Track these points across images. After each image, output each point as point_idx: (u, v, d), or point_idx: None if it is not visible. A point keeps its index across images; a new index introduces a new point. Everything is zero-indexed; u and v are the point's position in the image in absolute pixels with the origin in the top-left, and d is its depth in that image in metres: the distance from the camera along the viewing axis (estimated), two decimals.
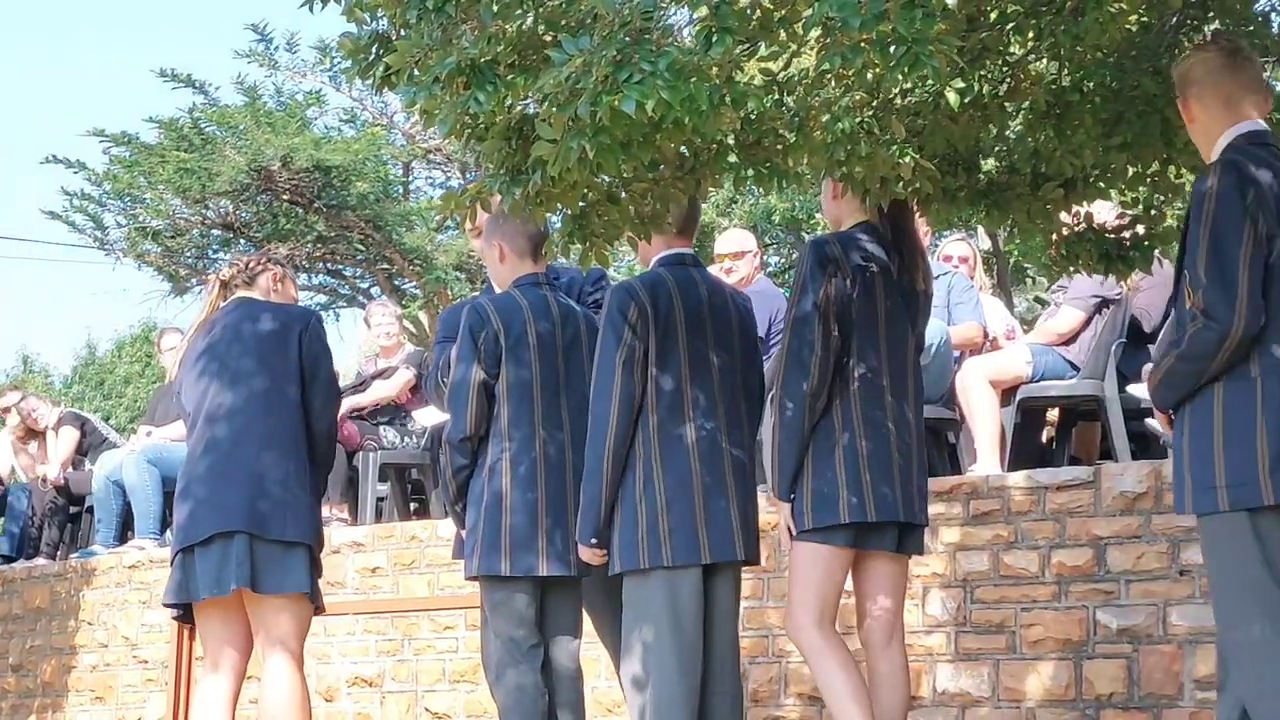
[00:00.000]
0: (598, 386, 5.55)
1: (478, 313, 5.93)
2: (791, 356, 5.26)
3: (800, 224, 20.93)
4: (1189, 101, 4.75)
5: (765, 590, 7.74)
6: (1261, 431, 4.36)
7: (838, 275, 5.27)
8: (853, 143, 4.45)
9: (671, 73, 3.81)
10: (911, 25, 3.75)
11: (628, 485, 5.51)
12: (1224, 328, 4.38)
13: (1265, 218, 4.41)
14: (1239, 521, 4.39)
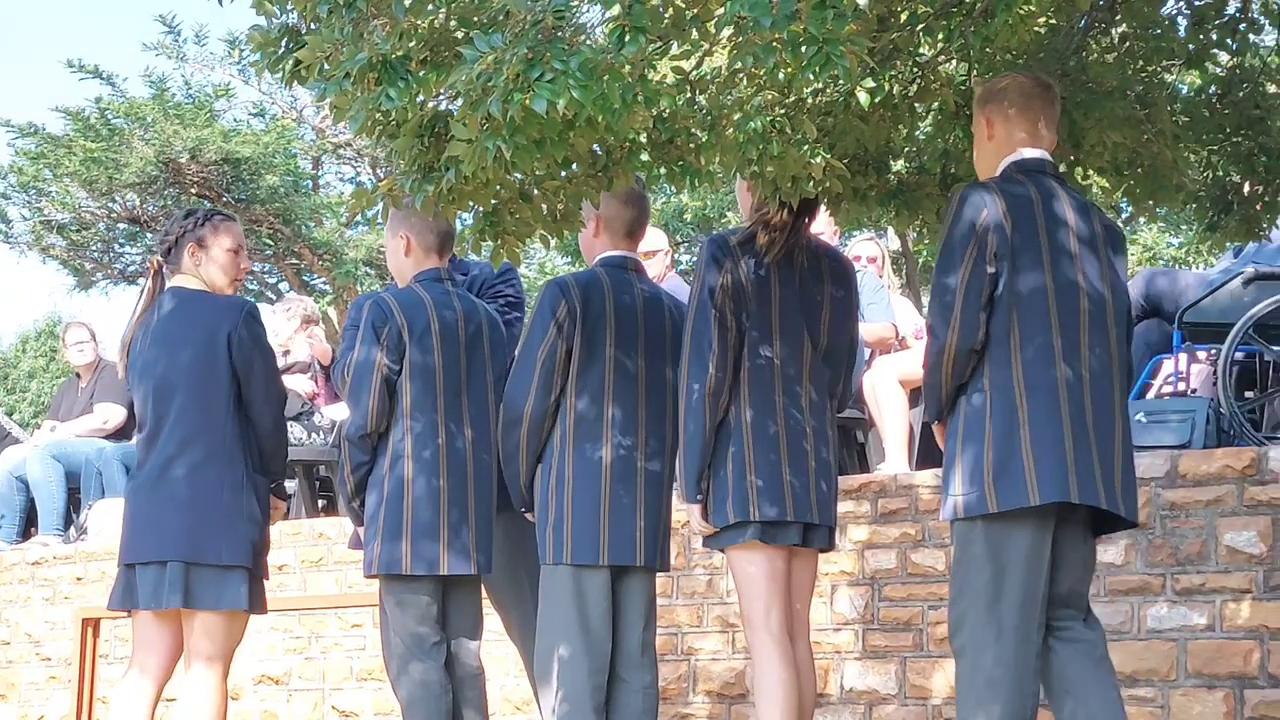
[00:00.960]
0: (516, 380, 5.54)
1: (380, 307, 5.87)
2: (691, 357, 5.26)
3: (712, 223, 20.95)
4: (993, 119, 4.96)
5: (675, 589, 7.75)
6: (988, 442, 4.68)
7: (734, 268, 5.28)
8: (764, 142, 4.46)
9: (584, 71, 3.80)
10: (823, 25, 3.76)
11: (543, 482, 5.52)
12: (940, 343, 4.76)
13: (997, 243, 4.73)
14: (975, 528, 4.72)
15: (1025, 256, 4.77)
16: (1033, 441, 4.65)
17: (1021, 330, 4.74)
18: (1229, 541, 6.57)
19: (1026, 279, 4.77)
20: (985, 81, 5.02)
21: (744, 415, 5.28)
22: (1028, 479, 4.64)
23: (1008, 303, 4.75)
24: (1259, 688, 6.46)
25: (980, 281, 4.74)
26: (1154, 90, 5.49)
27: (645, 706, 5.54)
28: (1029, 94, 4.95)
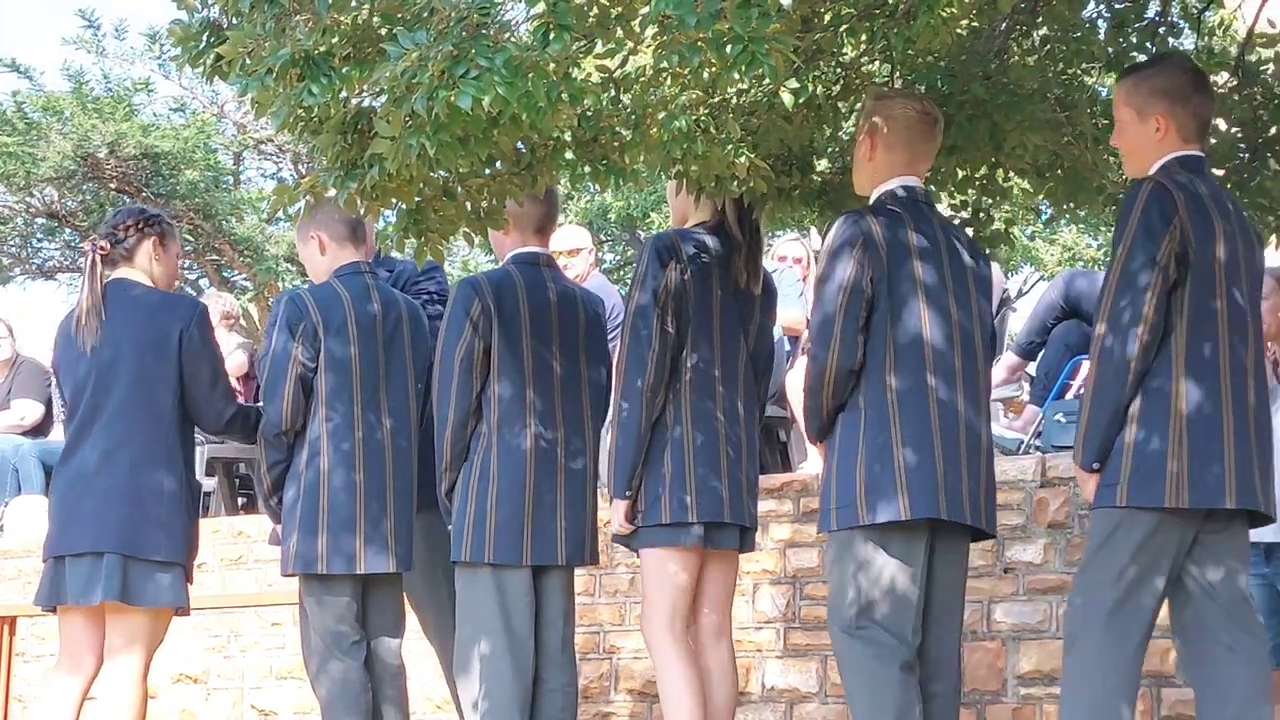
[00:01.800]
0: (439, 384, 5.53)
1: (295, 304, 5.82)
2: (630, 353, 5.26)
3: (636, 222, 20.97)
4: (876, 142, 5.02)
5: (597, 587, 7.75)
6: (861, 456, 4.80)
7: (675, 272, 5.28)
8: (689, 141, 4.46)
9: (509, 69, 3.79)
10: (748, 24, 3.76)
11: (465, 478, 5.50)
12: (821, 364, 4.88)
13: (872, 266, 4.83)
14: (846, 540, 4.82)
15: (901, 278, 4.88)
16: (905, 458, 4.78)
17: (896, 350, 4.85)
18: None
19: (900, 302, 4.87)
20: (876, 101, 5.04)
21: (683, 418, 5.28)
22: (899, 493, 4.76)
23: (883, 324, 4.86)
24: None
25: (859, 304, 4.84)
26: (1074, 93, 5.53)
27: (564, 705, 5.54)
28: (913, 126, 5.02)
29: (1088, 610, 4.57)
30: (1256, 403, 4.61)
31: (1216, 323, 4.56)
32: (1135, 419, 4.53)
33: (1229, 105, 5.65)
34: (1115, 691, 4.51)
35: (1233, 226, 4.66)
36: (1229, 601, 4.62)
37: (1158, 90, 4.73)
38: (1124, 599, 4.54)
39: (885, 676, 4.75)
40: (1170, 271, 4.52)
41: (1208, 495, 4.49)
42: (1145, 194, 4.58)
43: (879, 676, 4.76)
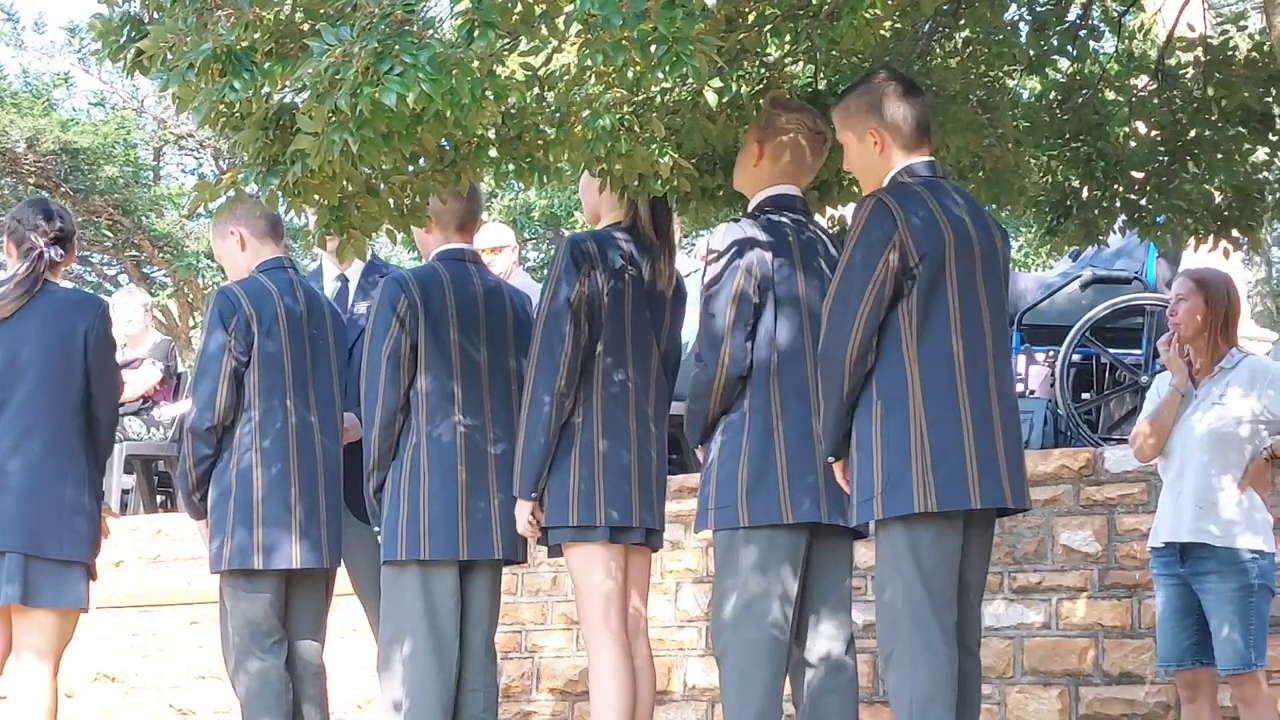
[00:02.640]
0: (366, 381, 5.50)
1: (226, 298, 5.79)
2: (543, 353, 5.25)
3: (560, 220, 20.97)
4: (765, 150, 5.06)
5: (519, 586, 7.74)
6: (744, 459, 4.89)
7: (592, 273, 5.27)
8: (613, 140, 4.46)
9: (433, 65, 3.78)
10: (672, 24, 3.77)
11: (395, 476, 5.48)
12: (709, 371, 4.94)
13: (760, 274, 4.92)
14: (724, 538, 4.94)
15: (784, 287, 4.95)
16: (788, 462, 4.87)
17: (780, 357, 4.93)
18: (1065, 541, 6.68)
19: (784, 309, 4.95)
20: (773, 109, 5.07)
21: (593, 420, 5.28)
22: (780, 497, 4.86)
23: (769, 330, 4.94)
24: (1093, 685, 6.58)
25: (747, 311, 4.92)
26: (996, 95, 5.57)
27: (485, 704, 5.52)
28: (803, 143, 5.08)
29: (901, 618, 4.62)
30: (1000, 400, 4.64)
31: (950, 328, 4.59)
32: (877, 429, 4.60)
33: (1148, 108, 5.71)
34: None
35: (966, 226, 4.66)
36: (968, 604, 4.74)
37: (865, 107, 4.75)
38: (929, 601, 4.58)
39: (758, 675, 4.84)
40: (886, 289, 4.58)
41: (955, 498, 4.55)
42: (866, 209, 4.64)
43: (752, 674, 4.85)
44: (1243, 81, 5.63)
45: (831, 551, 5.00)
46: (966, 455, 4.53)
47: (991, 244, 4.71)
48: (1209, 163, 5.67)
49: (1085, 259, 8.39)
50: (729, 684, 4.90)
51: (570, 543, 5.27)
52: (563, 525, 5.25)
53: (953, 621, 4.60)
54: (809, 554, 4.97)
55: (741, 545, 4.90)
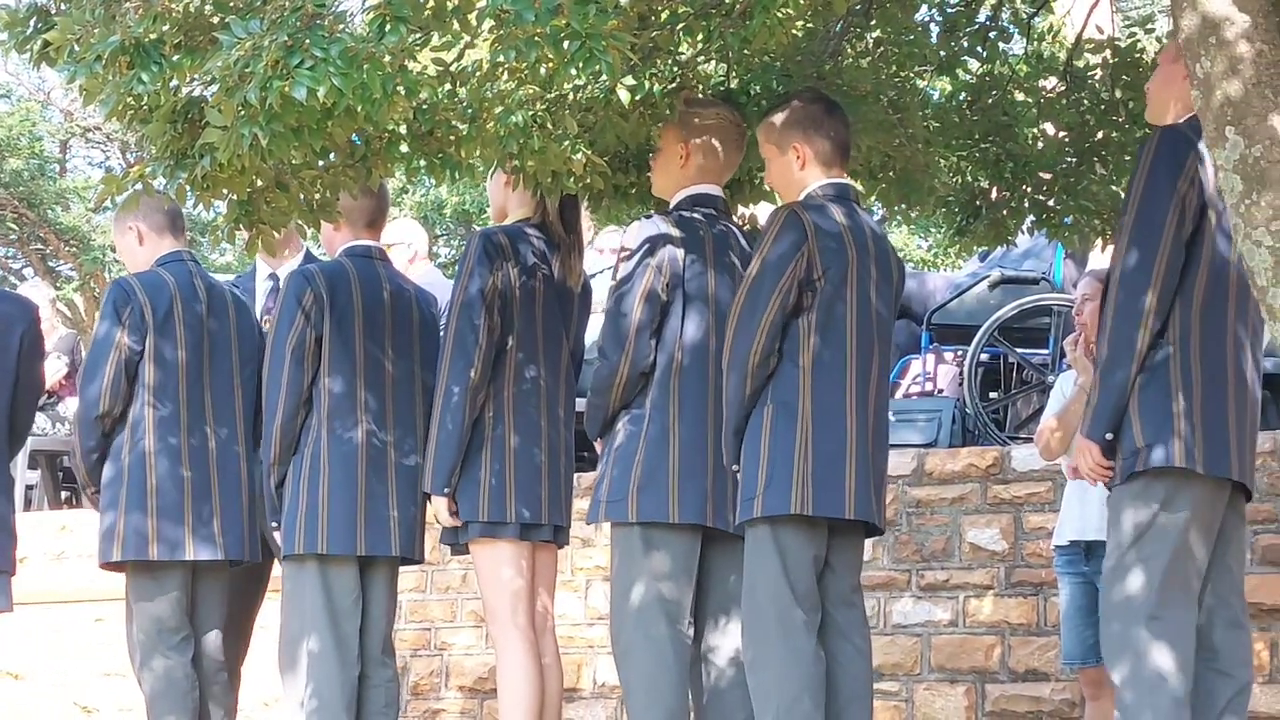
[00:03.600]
0: (269, 374, 5.46)
1: (122, 288, 5.75)
2: (455, 346, 5.24)
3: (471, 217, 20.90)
4: (690, 147, 5.10)
5: (428, 584, 7.72)
6: (640, 457, 4.95)
7: (504, 267, 5.27)
8: (525, 136, 4.45)
9: (344, 60, 3.76)
10: (585, 21, 3.77)
11: (295, 471, 5.44)
12: (613, 365, 5.00)
13: (669, 272, 4.97)
14: (619, 535, 5.02)
15: (694, 285, 5.00)
16: (680, 464, 4.93)
17: (685, 355, 4.98)
18: (972, 539, 6.73)
19: (693, 307, 4.99)
20: (690, 108, 5.10)
21: (504, 416, 5.27)
22: (670, 495, 4.93)
23: (675, 329, 4.99)
24: (999, 682, 6.62)
25: (654, 308, 4.97)
26: (907, 95, 5.59)
27: (387, 700, 5.51)
28: (727, 135, 5.14)
29: (767, 619, 4.71)
30: (878, 421, 4.83)
31: (845, 343, 4.77)
32: (766, 432, 4.71)
33: (1057, 110, 5.75)
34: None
35: (868, 248, 4.85)
36: (848, 604, 4.86)
37: (791, 122, 4.92)
38: (796, 602, 4.69)
39: (664, 675, 4.89)
40: (790, 297, 4.73)
41: (830, 505, 4.69)
42: (779, 220, 4.78)
43: (658, 674, 4.90)
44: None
45: (725, 554, 5.03)
46: (847, 466, 4.71)
47: (889, 268, 4.94)
48: (1116, 164, 5.72)
49: (994, 259, 8.45)
50: (634, 684, 4.94)
51: (479, 539, 5.27)
52: (473, 521, 5.24)
53: (818, 621, 4.74)
54: (707, 555, 5.03)
55: (636, 542, 4.96)
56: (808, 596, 4.73)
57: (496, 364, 5.27)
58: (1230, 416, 4.40)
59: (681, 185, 5.15)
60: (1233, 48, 3.93)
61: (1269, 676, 6.26)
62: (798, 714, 4.64)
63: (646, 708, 4.90)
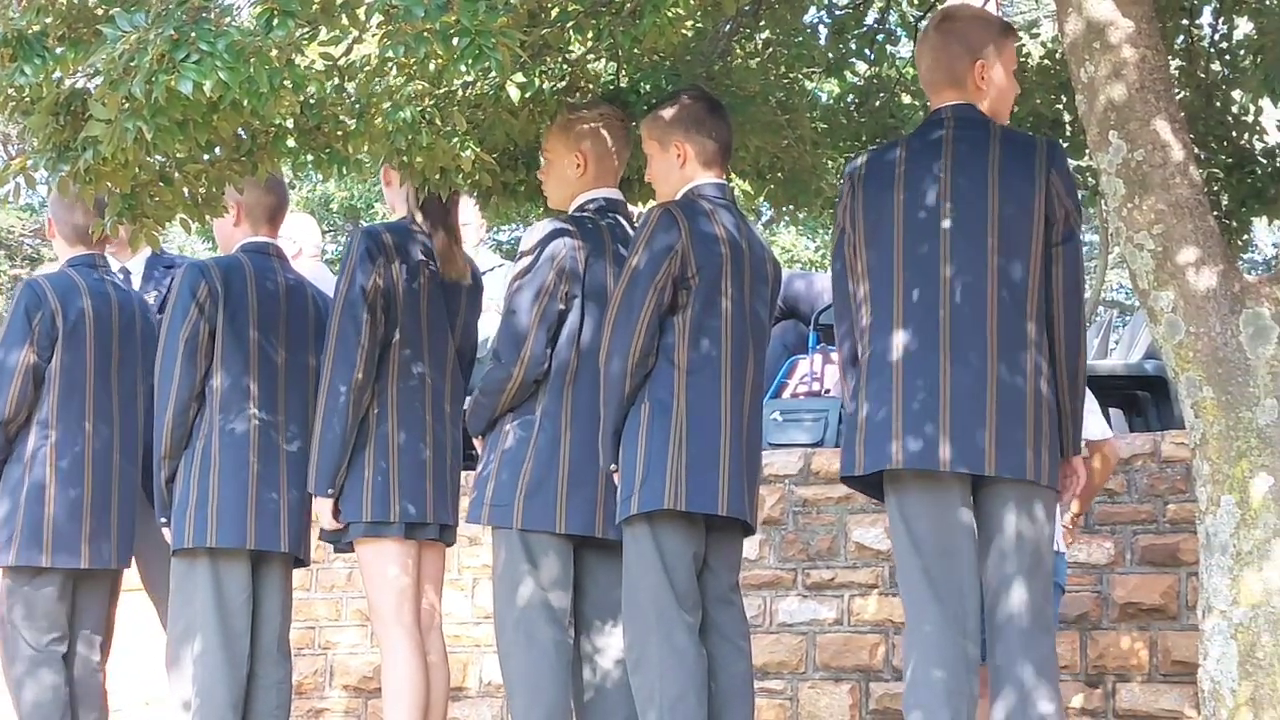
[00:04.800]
0: (161, 367, 5.41)
1: (34, 291, 5.69)
2: (338, 345, 5.21)
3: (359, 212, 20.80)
4: (587, 153, 5.10)
5: (313, 582, 7.67)
6: (528, 463, 4.95)
7: (388, 265, 5.25)
8: (413, 132, 4.43)
9: (231, 54, 3.73)
10: (475, 17, 3.76)
11: (186, 465, 5.39)
12: (507, 369, 4.97)
13: (569, 278, 4.95)
14: (500, 538, 5.01)
15: (593, 287, 4.99)
16: (570, 472, 4.94)
17: (581, 359, 4.98)
18: (858, 538, 6.77)
19: (591, 309, 4.98)
20: (576, 114, 5.10)
21: (389, 415, 5.24)
22: (557, 505, 4.93)
23: (572, 331, 4.99)
24: (883, 680, 6.67)
25: (552, 311, 4.95)
26: (795, 96, 5.62)
27: (279, 701, 5.47)
28: (617, 134, 5.13)
29: (648, 618, 4.74)
30: (752, 421, 4.86)
31: (721, 342, 4.79)
32: (643, 430, 4.73)
33: None
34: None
35: (743, 249, 4.87)
36: (726, 603, 4.88)
37: (675, 120, 4.93)
38: (676, 601, 4.73)
39: (545, 677, 4.90)
40: (666, 295, 4.75)
41: (703, 501, 4.71)
42: (654, 219, 4.80)
43: (538, 676, 4.91)
44: (1035, 88, 5.75)
45: (608, 557, 5.03)
46: (720, 464, 4.72)
47: (764, 269, 4.95)
48: None
49: None
50: (515, 685, 4.94)
51: (363, 538, 5.24)
52: (357, 520, 5.22)
53: (698, 620, 4.76)
54: (590, 558, 5.05)
55: (519, 547, 4.95)
56: (688, 595, 4.75)
57: (382, 362, 5.25)
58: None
59: (579, 190, 5.14)
60: (1117, 52, 3.99)
61: (1148, 675, 6.36)
62: (680, 713, 4.65)
63: (528, 708, 4.90)
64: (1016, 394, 4.33)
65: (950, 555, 4.35)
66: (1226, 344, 3.89)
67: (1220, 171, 5.71)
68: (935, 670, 4.31)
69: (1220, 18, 5.88)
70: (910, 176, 4.48)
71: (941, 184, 4.45)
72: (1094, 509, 6.47)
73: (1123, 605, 6.40)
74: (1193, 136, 4.09)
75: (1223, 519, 3.85)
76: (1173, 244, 3.93)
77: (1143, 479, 6.45)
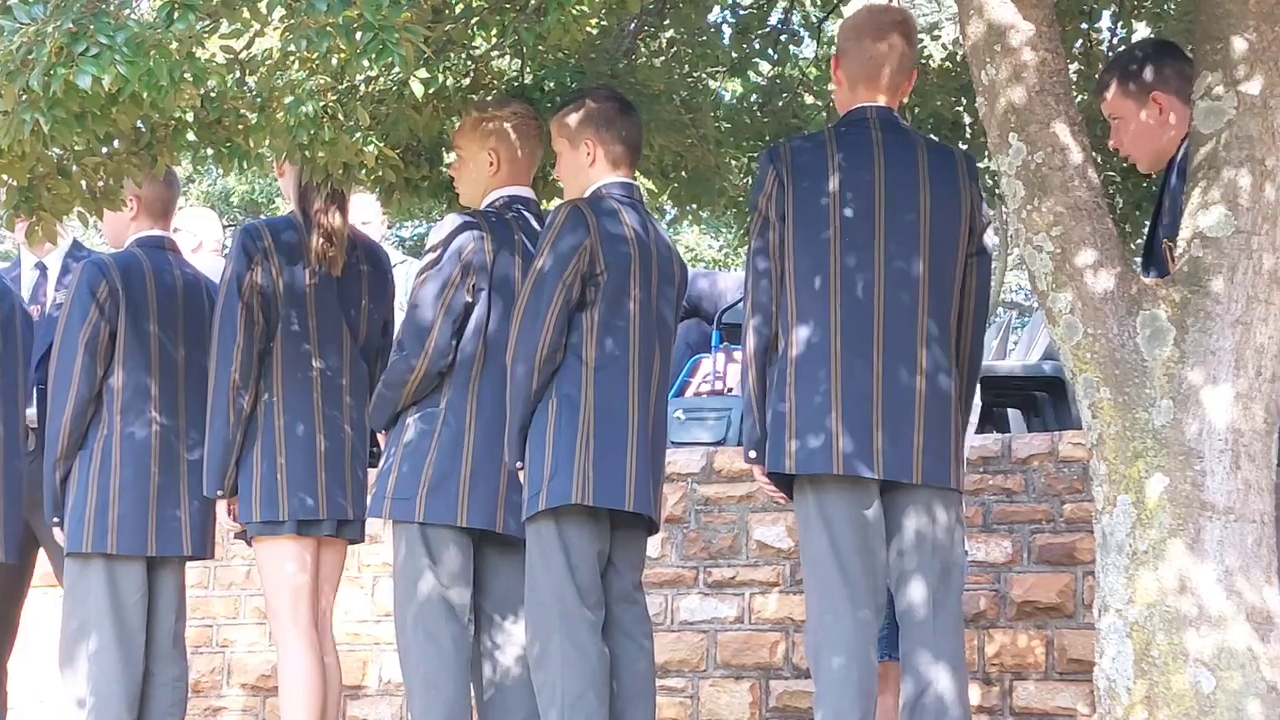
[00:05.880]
0: (58, 367, 5.34)
1: None
2: (219, 347, 5.17)
3: (260, 207, 20.64)
4: (500, 152, 5.07)
5: (211, 580, 7.61)
6: (431, 456, 4.92)
7: (266, 261, 5.21)
8: (315, 127, 4.40)
9: (130, 47, 3.69)
10: (378, 12, 3.74)
11: (83, 467, 5.33)
12: (410, 362, 4.93)
13: (479, 274, 4.93)
14: (401, 532, 4.98)
15: (501, 281, 4.97)
16: (473, 467, 4.91)
17: (487, 353, 4.95)
18: (759, 536, 6.79)
19: (498, 305, 4.97)
20: (486, 114, 5.08)
21: (276, 409, 5.20)
22: (459, 500, 4.90)
23: (479, 324, 4.96)
24: (783, 678, 6.70)
25: (458, 307, 4.92)
26: (699, 96, 5.64)
27: (174, 700, 5.44)
28: (531, 133, 5.11)
29: (551, 615, 4.74)
30: (657, 419, 4.88)
31: (629, 340, 4.81)
32: (550, 427, 4.73)
33: None
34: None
35: (650, 248, 4.88)
36: (630, 601, 4.90)
37: (585, 118, 4.93)
38: (579, 598, 4.73)
39: (444, 674, 4.88)
40: (574, 291, 4.76)
41: (610, 497, 4.72)
42: (562, 217, 4.81)
43: (437, 673, 4.89)
44: (936, 90, 5.79)
45: (509, 552, 5.03)
46: (628, 460, 4.73)
47: (670, 268, 4.96)
48: None
49: None
50: (414, 683, 4.92)
51: (257, 536, 5.21)
52: (249, 520, 5.19)
53: (601, 618, 4.77)
54: (490, 553, 5.04)
55: (418, 541, 4.92)
56: (591, 593, 4.75)
57: (269, 358, 5.21)
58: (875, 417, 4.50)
59: (492, 188, 5.11)
60: (1017, 55, 4.01)
61: (1044, 674, 6.41)
62: (581, 711, 4.65)
63: (426, 706, 4.88)
64: (941, 401, 4.48)
65: (864, 555, 4.44)
66: (1124, 345, 3.92)
67: (1118, 175, 5.77)
68: (850, 670, 4.38)
69: (1119, 22, 5.95)
70: (847, 177, 4.51)
71: (876, 187, 4.51)
72: (992, 508, 6.53)
73: (1020, 604, 6.46)
74: (1091, 139, 4.12)
75: (1119, 519, 3.89)
76: (1071, 246, 3.96)
77: (1040, 479, 6.51)
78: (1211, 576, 3.78)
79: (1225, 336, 3.87)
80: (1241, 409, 3.85)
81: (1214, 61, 3.99)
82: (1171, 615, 3.79)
